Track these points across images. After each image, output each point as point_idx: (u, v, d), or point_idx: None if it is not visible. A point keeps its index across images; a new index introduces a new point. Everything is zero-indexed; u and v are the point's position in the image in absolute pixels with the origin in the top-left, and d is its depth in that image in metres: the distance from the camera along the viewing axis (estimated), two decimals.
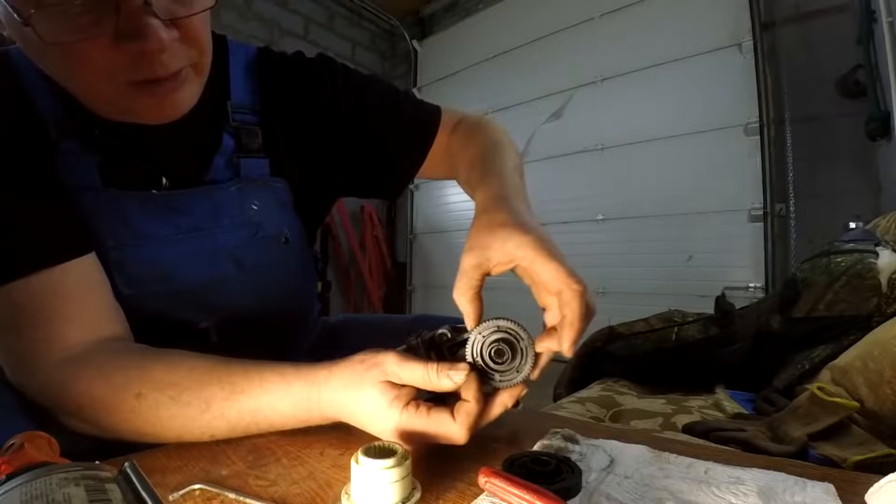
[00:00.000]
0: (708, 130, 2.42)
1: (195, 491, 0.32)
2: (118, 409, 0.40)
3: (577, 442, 0.40)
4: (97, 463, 0.21)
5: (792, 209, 2.22)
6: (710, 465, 0.36)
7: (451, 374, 0.37)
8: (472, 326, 0.39)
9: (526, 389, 0.41)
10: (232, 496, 0.32)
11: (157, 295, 0.51)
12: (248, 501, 0.31)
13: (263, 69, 0.59)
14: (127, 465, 0.22)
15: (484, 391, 0.39)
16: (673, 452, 0.38)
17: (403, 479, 0.30)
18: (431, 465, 0.37)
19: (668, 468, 0.36)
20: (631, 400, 1.00)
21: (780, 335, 1.03)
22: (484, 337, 0.38)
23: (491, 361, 0.38)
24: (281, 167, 0.59)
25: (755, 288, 2.25)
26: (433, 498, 0.32)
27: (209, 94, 0.49)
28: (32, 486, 0.19)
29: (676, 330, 1.13)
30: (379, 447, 0.31)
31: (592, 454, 0.38)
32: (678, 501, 0.31)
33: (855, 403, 0.66)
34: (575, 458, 0.36)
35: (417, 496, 0.31)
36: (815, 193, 2.19)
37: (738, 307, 1.18)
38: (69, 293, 0.43)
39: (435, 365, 0.37)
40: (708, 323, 1.13)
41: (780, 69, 2.28)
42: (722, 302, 1.16)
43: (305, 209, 0.63)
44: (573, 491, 0.31)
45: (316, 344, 0.74)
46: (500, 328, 0.39)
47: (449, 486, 0.34)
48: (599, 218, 2.78)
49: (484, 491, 0.29)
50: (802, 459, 0.55)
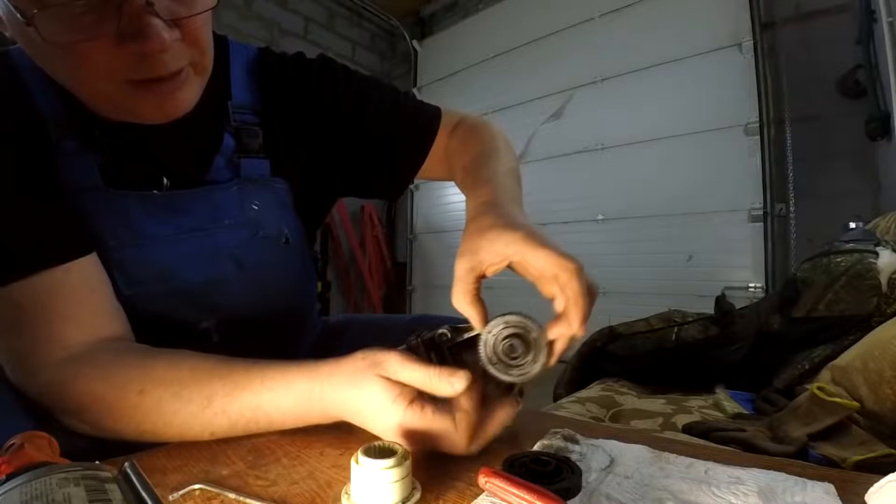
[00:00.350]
0: (708, 130, 2.42)
1: (195, 491, 0.32)
2: (120, 406, 0.40)
3: (577, 442, 0.40)
4: (97, 463, 0.21)
5: (792, 209, 2.22)
6: (710, 465, 0.36)
7: (452, 380, 0.36)
8: (479, 328, 0.39)
9: (520, 406, 0.41)
10: (232, 496, 0.32)
11: (157, 295, 0.51)
12: (248, 501, 0.31)
13: (264, 70, 0.59)
14: (127, 465, 0.22)
15: (501, 387, 0.39)
16: (673, 452, 0.38)
17: (403, 479, 0.30)
18: (431, 465, 0.37)
19: (668, 468, 0.36)
20: (631, 400, 1.00)
21: (780, 335, 1.03)
22: (494, 335, 0.38)
23: (506, 357, 0.38)
24: (281, 167, 0.59)
25: (755, 288, 2.24)
26: (433, 498, 0.32)
27: (210, 94, 0.49)
28: (32, 486, 0.19)
29: (676, 330, 1.13)
30: (379, 447, 0.31)
31: (592, 454, 0.38)
32: (678, 501, 0.31)
33: (855, 403, 0.66)
34: (575, 458, 0.36)
35: (417, 496, 0.31)
36: (815, 193, 2.19)
37: (738, 307, 1.18)
38: (70, 293, 0.43)
39: (436, 369, 0.37)
40: (708, 323, 1.13)
41: (780, 69, 2.28)
42: (722, 302, 1.16)
43: (306, 209, 0.63)
44: (573, 491, 0.31)
45: (316, 343, 0.74)
46: (508, 323, 0.38)
47: (449, 486, 0.34)
48: (599, 218, 2.78)
49: (484, 491, 0.29)
50: (802, 459, 0.55)
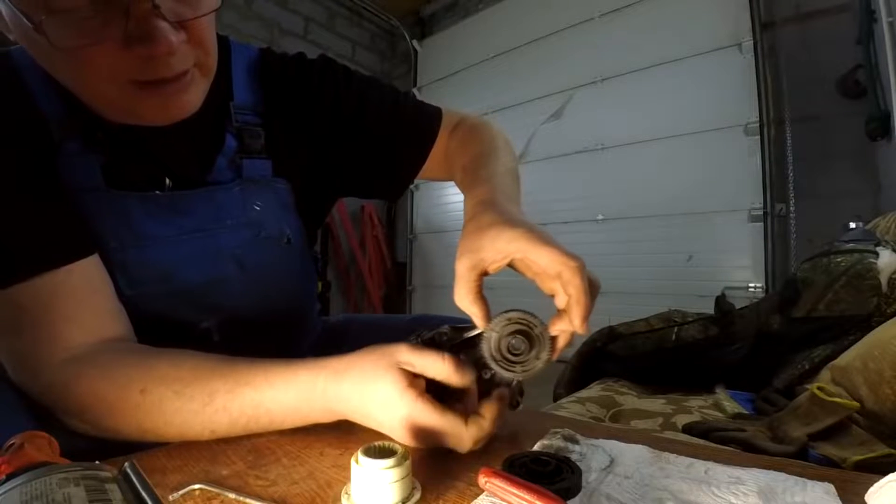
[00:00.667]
0: (708, 130, 2.42)
1: (195, 491, 0.32)
2: (121, 406, 0.40)
3: (577, 442, 0.40)
4: (97, 463, 0.21)
5: (792, 209, 2.22)
6: (710, 465, 0.36)
7: (465, 370, 0.38)
8: (482, 325, 0.39)
9: (523, 392, 0.41)
10: (232, 496, 0.32)
11: (159, 295, 0.51)
12: (248, 501, 0.31)
13: (266, 70, 0.59)
14: (127, 465, 0.22)
15: (505, 383, 0.40)
16: (673, 452, 0.38)
17: (403, 479, 0.30)
18: (431, 465, 0.37)
19: (668, 468, 0.36)
20: (631, 400, 1.00)
21: (780, 335, 1.03)
22: (498, 332, 0.38)
23: (510, 354, 0.38)
24: (283, 168, 0.59)
25: (755, 288, 2.25)
26: (433, 498, 0.32)
27: (212, 94, 0.49)
28: (32, 486, 0.19)
29: (676, 330, 1.13)
30: (379, 447, 0.31)
31: (592, 454, 0.38)
32: (678, 501, 0.31)
33: (855, 403, 0.66)
34: (575, 458, 0.36)
35: (417, 496, 0.31)
36: (815, 193, 2.19)
37: (738, 307, 1.18)
38: (72, 294, 0.44)
39: (449, 357, 0.38)
40: (708, 323, 1.13)
41: (780, 69, 2.28)
42: (722, 302, 1.16)
43: (306, 209, 0.63)
44: (573, 491, 0.31)
45: (316, 343, 0.74)
46: (512, 320, 0.39)
47: (449, 486, 0.34)
48: (599, 218, 2.78)
49: (484, 491, 0.29)
50: (802, 459, 0.55)
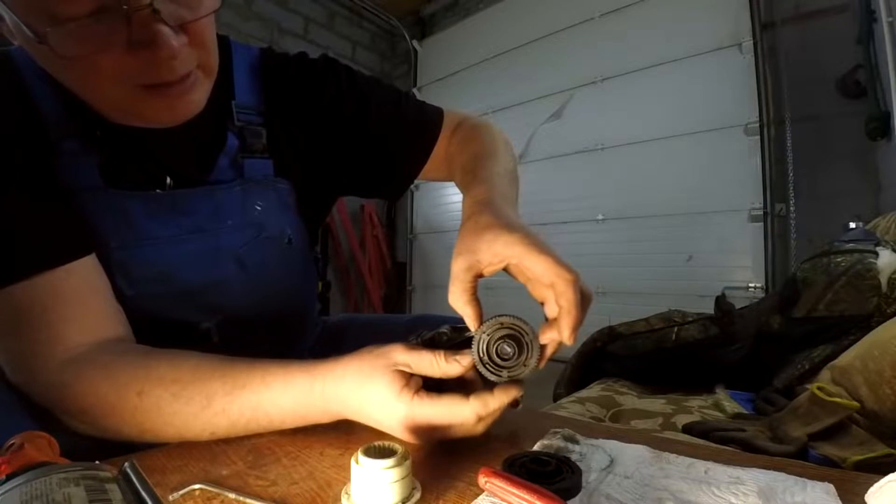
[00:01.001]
0: (708, 130, 2.42)
1: (195, 491, 0.32)
2: (121, 407, 0.40)
3: (577, 442, 0.40)
4: (97, 463, 0.21)
5: (792, 209, 2.22)
6: (710, 465, 0.36)
7: (457, 358, 0.38)
8: (474, 327, 0.39)
9: (523, 391, 0.41)
10: (232, 496, 0.32)
11: (159, 295, 0.51)
12: (248, 501, 0.31)
13: (267, 70, 0.59)
14: (127, 465, 0.22)
15: (490, 385, 0.39)
16: (673, 452, 0.38)
17: (403, 479, 0.30)
18: (431, 465, 0.37)
19: (668, 468, 0.36)
20: (631, 400, 1.00)
21: (780, 335, 1.03)
22: (489, 335, 0.39)
23: (498, 358, 0.38)
24: (284, 167, 0.59)
25: (755, 288, 2.24)
26: (433, 498, 0.32)
27: (214, 94, 0.49)
28: (32, 486, 0.19)
29: (676, 330, 1.13)
30: (379, 447, 0.31)
31: (592, 454, 0.38)
32: (678, 501, 0.31)
33: (855, 403, 0.66)
34: (575, 458, 0.36)
35: (417, 496, 0.31)
36: (815, 193, 2.19)
37: (738, 307, 1.18)
38: (70, 295, 0.43)
39: (442, 352, 0.38)
40: (708, 323, 1.13)
41: (780, 69, 2.28)
42: (722, 302, 1.16)
43: (308, 209, 0.63)
44: (573, 491, 0.31)
45: (316, 343, 0.74)
46: (503, 325, 0.39)
47: (449, 486, 0.34)
48: (599, 218, 2.78)
49: (484, 491, 0.29)
50: (802, 459, 0.55)
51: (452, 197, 3.48)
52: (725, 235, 2.36)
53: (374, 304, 3.74)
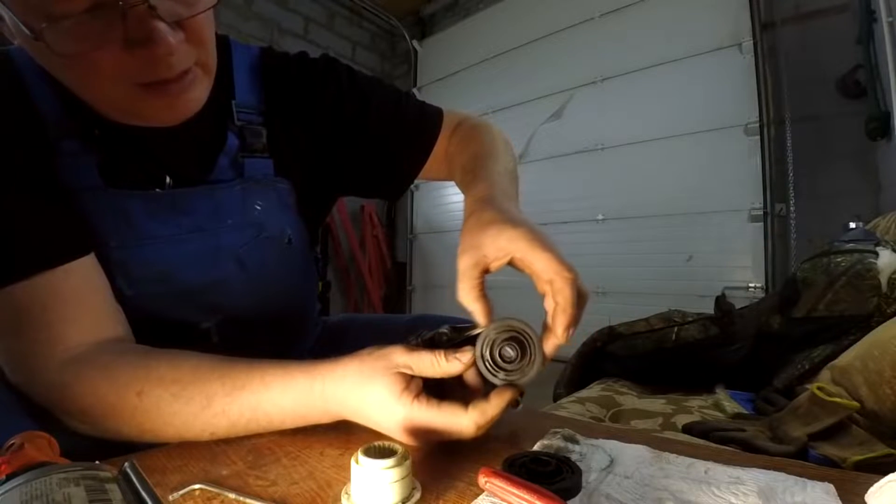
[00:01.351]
0: (708, 130, 2.42)
1: (195, 491, 0.32)
2: (120, 407, 0.40)
3: (577, 442, 0.40)
4: (97, 463, 0.21)
5: (792, 209, 2.22)
6: (710, 465, 0.36)
7: (457, 356, 0.38)
8: (484, 323, 0.39)
9: (522, 393, 0.41)
10: (232, 496, 0.32)
11: (158, 295, 0.51)
12: (248, 501, 0.31)
13: (267, 69, 0.59)
14: (127, 465, 0.22)
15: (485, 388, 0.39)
16: (673, 452, 0.38)
17: (403, 479, 0.30)
18: (431, 465, 0.37)
19: (668, 468, 0.36)
20: (631, 400, 1.00)
21: (780, 335, 1.03)
22: (495, 334, 0.39)
23: (500, 359, 0.38)
24: (284, 167, 0.59)
25: (755, 288, 2.24)
26: (433, 498, 0.32)
27: (214, 93, 0.49)
28: (32, 486, 0.19)
29: (676, 330, 1.13)
30: (379, 447, 0.31)
31: (592, 454, 0.38)
32: (678, 501, 0.31)
33: (855, 403, 0.66)
34: (575, 458, 0.36)
35: (417, 496, 0.31)
36: (815, 193, 2.19)
37: (738, 307, 1.18)
38: (70, 295, 0.43)
39: (441, 351, 0.38)
40: (708, 323, 1.13)
41: (780, 69, 2.28)
42: (722, 302, 1.16)
43: (308, 209, 0.63)
44: (573, 491, 0.31)
45: (316, 344, 0.74)
46: (511, 328, 0.39)
47: (449, 486, 0.34)
48: (599, 218, 2.78)
49: (484, 491, 0.29)
50: (802, 459, 0.55)
51: (452, 197, 3.48)
52: (725, 235, 2.36)
53: (374, 304, 3.74)
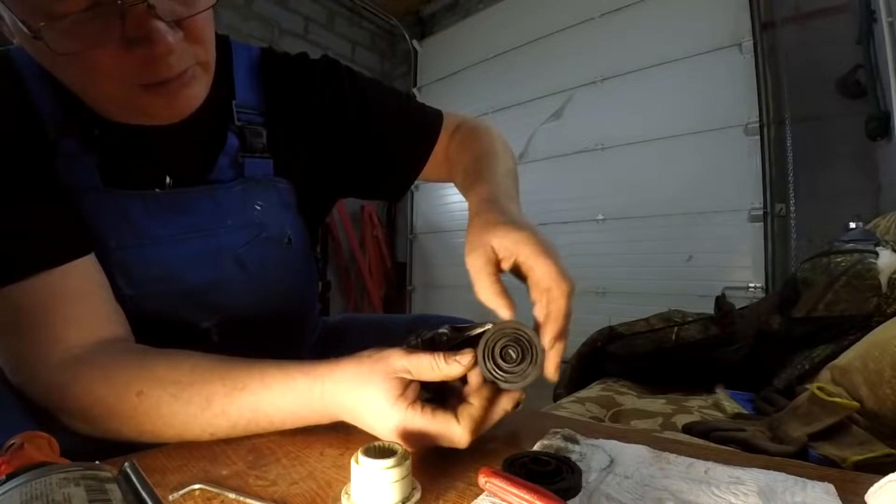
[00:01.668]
0: (708, 130, 2.41)
1: (195, 491, 0.32)
2: (120, 408, 0.40)
3: (577, 442, 0.40)
4: (97, 463, 0.21)
5: (792, 209, 2.22)
6: (710, 465, 0.36)
7: (457, 358, 0.37)
8: (508, 317, 0.39)
9: (525, 395, 0.41)
10: (232, 496, 0.32)
11: (158, 295, 0.51)
12: (248, 501, 0.31)
13: (268, 69, 0.59)
14: (127, 465, 0.22)
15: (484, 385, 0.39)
16: (673, 452, 0.38)
17: (403, 479, 0.30)
18: (431, 465, 0.37)
19: (668, 468, 0.36)
20: (631, 400, 1.00)
21: (780, 335, 1.03)
22: (498, 335, 0.38)
23: (500, 359, 0.38)
24: (284, 167, 0.59)
25: (755, 288, 2.24)
26: (433, 498, 0.32)
27: (214, 93, 0.49)
28: (32, 486, 0.19)
29: (676, 330, 1.13)
30: (379, 447, 0.31)
31: (592, 454, 0.38)
32: (678, 501, 0.31)
33: (855, 403, 0.66)
34: (575, 458, 0.36)
35: (417, 496, 0.31)
36: (815, 193, 2.19)
37: (738, 307, 1.18)
38: (70, 295, 0.43)
39: (441, 354, 0.38)
40: (708, 323, 1.13)
41: (780, 69, 2.28)
42: (722, 302, 1.16)
43: (308, 209, 0.63)
44: (573, 491, 0.31)
45: (316, 344, 0.74)
46: (514, 329, 0.39)
47: (449, 486, 0.34)
48: (599, 218, 2.78)
49: (484, 491, 0.29)
50: (802, 459, 0.55)
51: (452, 197, 3.48)
52: (725, 235, 2.36)
53: (374, 304, 3.74)
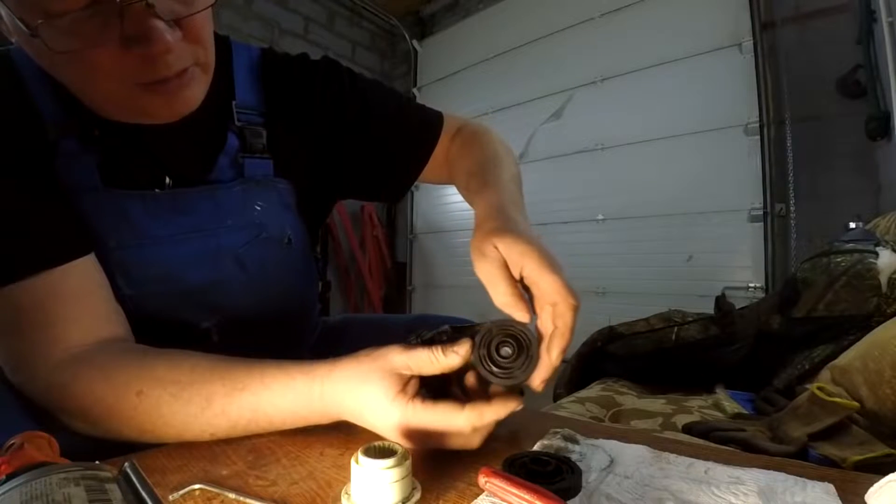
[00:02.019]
0: (708, 130, 2.41)
1: (195, 491, 0.32)
2: (120, 408, 0.40)
3: (577, 442, 0.40)
4: (97, 463, 0.21)
5: (792, 209, 2.22)
6: (710, 465, 0.36)
7: (455, 349, 0.38)
8: (527, 319, 0.39)
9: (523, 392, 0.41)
10: (232, 496, 0.32)
11: (158, 295, 0.51)
12: (248, 501, 0.31)
13: (268, 70, 0.59)
14: (127, 465, 0.22)
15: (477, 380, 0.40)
16: (673, 452, 0.38)
17: (403, 479, 0.30)
18: (431, 465, 0.37)
19: (668, 468, 0.36)
20: (631, 400, 1.00)
21: (780, 335, 1.03)
22: (495, 332, 0.39)
23: (497, 357, 0.38)
24: (284, 168, 0.59)
25: (755, 288, 2.24)
26: (433, 498, 0.32)
27: (214, 94, 0.49)
28: (32, 486, 0.19)
29: (676, 330, 1.13)
30: (379, 447, 0.31)
31: (592, 454, 0.38)
32: (678, 501, 0.31)
33: (855, 403, 0.66)
34: (575, 458, 0.36)
35: (417, 496, 0.31)
36: (815, 193, 2.19)
37: (738, 307, 1.18)
38: (69, 295, 0.43)
39: (438, 346, 0.38)
40: (708, 323, 1.13)
41: (780, 69, 2.28)
42: (722, 302, 1.16)
43: (308, 210, 0.63)
44: (573, 491, 0.31)
45: (316, 344, 0.74)
46: (512, 327, 0.39)
47: (449, 486, 0.34)
48: (599, 218, 2.78)
49: (484, 491, 0.29)
50: (802, 459, 0.55)
51: (452, 197, 3.48)
52: (725, 235, 2.36)
53: (374, 304, 3.74)
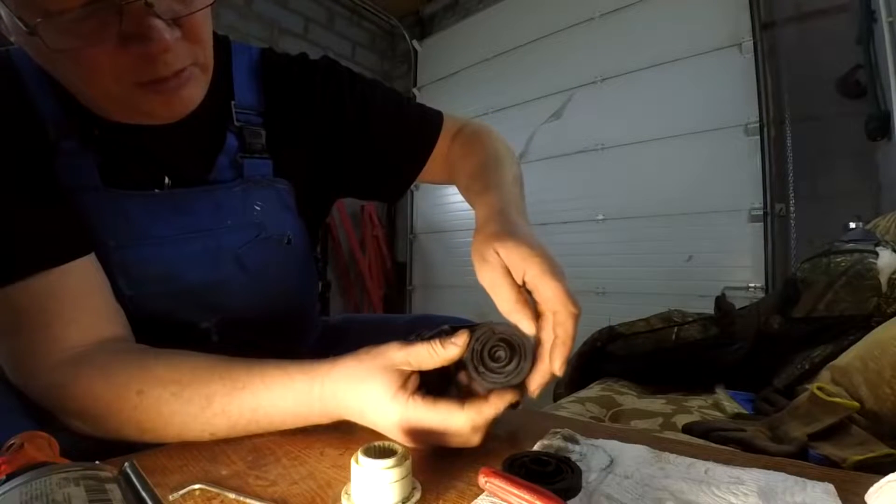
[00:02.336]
0: (708, 130, 2.41)
1: (195, 491, 0.32)
2: (119, 407, 0.40)
3: (577, 442, 0.40)
4: (97, 463, 0.21)
5: (792, 209, 2.22)
6: (710, 465, 0.36)
7: (453, 340, 0.38)
8: (531, 330, 0.39)
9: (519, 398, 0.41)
10: (232, 496, 0.32)
11: (158, 295, 0.51)
12: (248, 501, 0.31)
13: (267, 70, 0.59)
14: (127, 465, 0.22)
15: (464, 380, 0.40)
16: (673, 452, 0.38)
17: (403, 479, 0.30)
18: (431, 464, 0.37)
19: (668, 468, 0.36)
20: (631, 400, 1.00)
21: (780, 335, 1.03)
22: (490, 334, 0.38)
23: (490, 360, 0.38)
24: (284, 168, 0.59)
25: (755, 288, 2.24)
26: (433, 498, 0.32)
27: (213, 94, 0.49)
28: (32, 486, 0.19)
29: (676, 330, 1.13)
30: (379, 447, 0.31)
31: (592, 454, 0.38)
32: (678, 501, 0.31)
33: (855, 403, 0.66)
34: (575, 458, 0.36)
35: (417, 496, 0.31)
36: (815, 193, 2.19)
37: (738, 307, 1.18)
38: (69, 295, 0.43)
39: (436, 340, 0.38)
40: (708, 323, 1.13)
41: (780, 69, 2.28)
42: (722, 302, 1.16)
43: (307, 210, 0.63)
44: (573, 491, 0.31)
45: (316, 344, 0.74)
46: (508, 331, 0.39)
47: (449, 486, 0.34)
48: (599, 218, 2.78)
49: (484, 491, 0.29)
50: (802, 459, 0.55)
51: (452, 197, 3.48)
52: (725, 235, 2.36)
53: (374, 304, 3.74)
